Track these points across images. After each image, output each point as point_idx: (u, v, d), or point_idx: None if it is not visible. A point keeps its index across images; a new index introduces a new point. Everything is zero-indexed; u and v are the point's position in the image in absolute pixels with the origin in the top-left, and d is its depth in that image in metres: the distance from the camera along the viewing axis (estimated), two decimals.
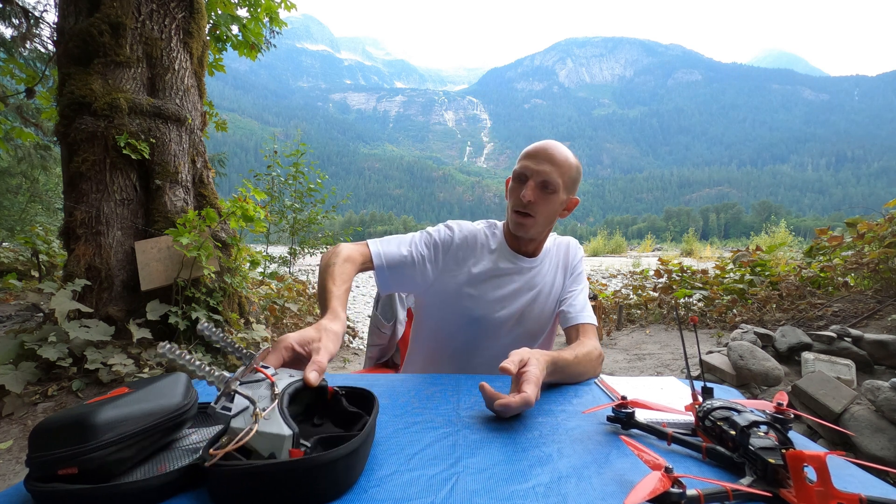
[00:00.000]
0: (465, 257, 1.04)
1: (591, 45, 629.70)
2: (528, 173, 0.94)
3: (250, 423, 0.44)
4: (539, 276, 1.06)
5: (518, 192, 0.95)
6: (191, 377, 0.56)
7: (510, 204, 0.99)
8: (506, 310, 1.03)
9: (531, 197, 0.92)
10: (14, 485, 0.46)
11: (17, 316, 3.89)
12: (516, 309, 1.03)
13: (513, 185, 0.99)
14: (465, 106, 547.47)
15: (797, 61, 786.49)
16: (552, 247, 1.11)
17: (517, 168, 0.97)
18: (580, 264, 1.12)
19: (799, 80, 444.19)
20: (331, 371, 3.32)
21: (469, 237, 1.05)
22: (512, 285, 1.03)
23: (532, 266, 1.05)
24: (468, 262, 1.04)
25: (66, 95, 2.56)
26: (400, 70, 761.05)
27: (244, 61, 18.18)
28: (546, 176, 0.93)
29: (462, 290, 1.02)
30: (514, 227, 0.99)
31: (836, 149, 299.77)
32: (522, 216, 0.96)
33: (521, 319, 1.04)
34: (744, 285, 4.35)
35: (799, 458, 0.40)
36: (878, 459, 1.70)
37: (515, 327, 1.05)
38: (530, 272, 1.05)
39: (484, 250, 1.05)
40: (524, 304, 1.04)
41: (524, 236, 1.00)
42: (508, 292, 1.03)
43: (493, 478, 0.48)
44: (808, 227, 58.41)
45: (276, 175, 5.99)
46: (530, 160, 0.95)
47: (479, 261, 1.04)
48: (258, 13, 4.08)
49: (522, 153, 0.98)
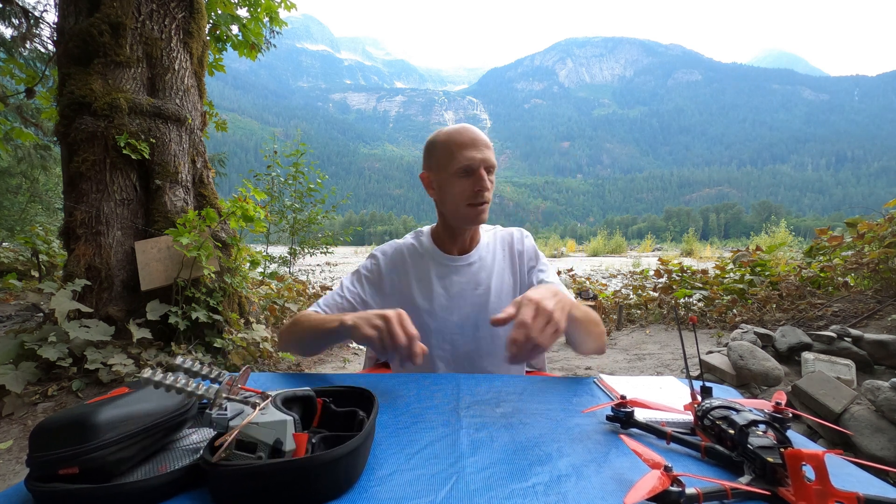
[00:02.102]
0: (401, 277, 1.03)
1: (591, 45, 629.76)
2: (475, 164, 0.92)
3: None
4: (483, 272, 1.02)
5: (471, 185, 0.93)
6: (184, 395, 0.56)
7: (461, 198, 0.94)
8: (456, 314, 0.99)
9: (490, 186, 0.93)
10: (14, 485, 0.46)
11: (17, 316, 3.90)
12: (468, 311, 0.99)
13: (458, 180, 0.94)
14: (465, 106, 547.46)
15: (797, 61, 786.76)
16: (491, 240, 1.07)
17: (460, 162, 0.92)
18: (533, 250, 1.07)
19: (799, 80, 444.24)
20: (331, 371, 3.32)
21: (395, 257, 1.05)
22: (455, 288, 1.00)
23: (470, 262, 1.03)
24: (407, 279, 1.02)
25: (66, 95, 2.56)
26: (400, 70, 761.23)
27: (244, 61, 18.12)
28: (490, 160, 0.94)
29: (414, 306, 0.99)
30: (472, 219, 0.96)
31: (836, 149, 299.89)
32: (481, 206, 0.94)
33: (479, 321, 0.99)
34: (744, 285, 4.35)
35: (797, 456, 0.40)
36: (877, 459, 1.70)
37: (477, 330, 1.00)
38: (470, 269, 1.02)
39: (416, 261, 1.04)
40: (475, 303, 1.00)
41: (482, 224, 0.99)
42: (455, 294, 1.00)
43: (493, 477, 0.48)
44: (808, 227, 58.42)
45: (276, 175, 5.98)
46: (472, 150, 0.92)
47: (416, 273, 1.02)
48: (258, 13, 4.08)
49: (454, 145, 0.93)
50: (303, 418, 0.55)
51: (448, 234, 1.03)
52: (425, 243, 1.06)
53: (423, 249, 1.05)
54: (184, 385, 0.46)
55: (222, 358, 2.75)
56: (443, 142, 0.95)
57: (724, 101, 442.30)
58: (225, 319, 2.84)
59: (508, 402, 0.71)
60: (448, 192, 0.95)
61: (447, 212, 0.99)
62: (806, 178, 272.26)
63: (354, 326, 0.76)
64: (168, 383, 0.45)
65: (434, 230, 1.07)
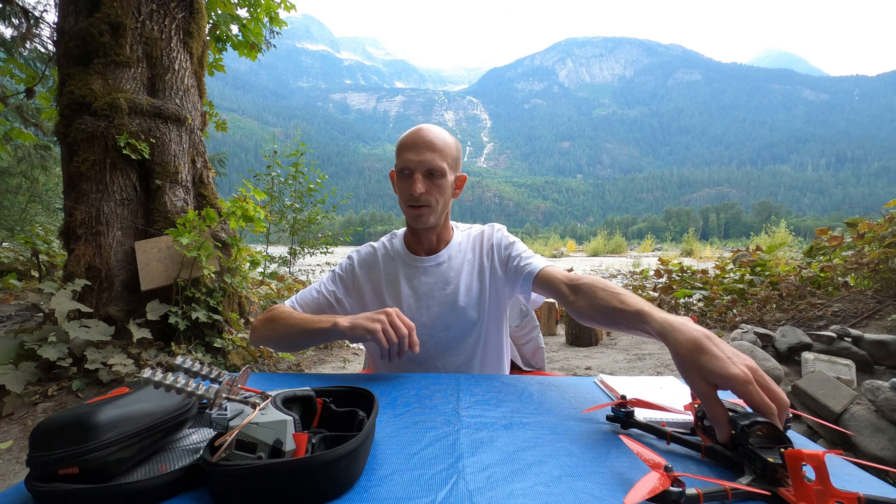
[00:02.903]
0: (372, 278, 1.04)
1: (591, 45, 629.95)
2: (411, 167, 0.92)
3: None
4: (452, 271, 1.01)
5: (407, 188, 0.93)
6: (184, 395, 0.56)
7: (401, 199, 0.96)
8: (426, 314, 0.99)
9: (422, 189, 0.92)
10: (14, 485, 0.46)
11: (17, 316, 3.89)
12: (437, 311, 0.99)
13: (398, 181, 0.96)
14: (465, 106, 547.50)
15: (797, 61, 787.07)
16: (463, 239, 1.07)
17: (399, 163, 0.94)
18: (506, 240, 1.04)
19: (799, 80, 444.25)
20: (331, 371, 3.32)
21: (368, 258, 1.07)
22: (423, 288, 1.00)
23: (438, 262, 1.02)
24: (378, 280, 1.04)
25: (66, 95, 2.56)
26: (400, 70, 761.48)
27: (244, 61, 18.15)
28: (430, 164, 0.91)
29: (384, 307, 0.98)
30: (413, 221, 0.97)
31: (836, 149, 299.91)
32: (417, 208, 0.94)
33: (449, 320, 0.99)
34: (744, 285, 4.35)
35: (797, 456, 0.40)
36: (878, 459, 1.70)
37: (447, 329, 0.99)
38: (438, 269, 1.02)
39: (387, 263, 1.05)
40: (444, 302, 0.99)
41: (424, 226, 0.97)
42: (423, 294, 1.00)
43: (493, 477, 0.48)
44: (808, 227, 58.42)
45: (276, 175, 5.99)
46: (411, 152, 0.92)
47: (386, 275, 1.03)
48: (258, 13, 4.08)
49: (399, 145, 0.95)
50: (303, 418, 0.55)
51: (413, 236, 1.04)
52: (396, 245, 1.07)
53: (394, 252, 1.06)
54: (184, 385, 0.46)
55: (222, 358, 2.75)
56: (398, 142, 0.97)
57: (724, 101, 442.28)
58: (225, 319, 2.84)
59: (508, 402, 0.71)
60: (397, 191, 0.98)
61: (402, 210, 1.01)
62: (806, 178, 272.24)
63: (353, 326, 0.80)
64: (168, 383, 0.45)
65: (405, 232, 1.09)
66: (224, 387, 0.48)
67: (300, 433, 0.45)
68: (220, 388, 0.47)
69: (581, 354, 3.78)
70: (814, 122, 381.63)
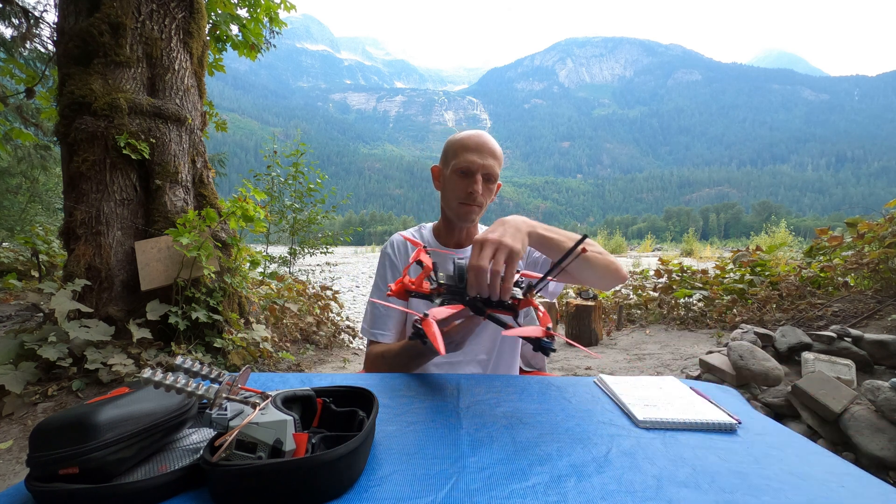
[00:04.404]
0: (403, 263, 1.10)
1: (591, 45, 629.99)
2: (474, 168, 0.98)
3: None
4: None
5: (465, 186, 0.99)
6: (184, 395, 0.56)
7: (453, 195, 1.02)
8: None
9: (480, 190, 0.99)
10: (14, 485, 0.46)
11: (17, 316, 3.89)
12: None
13: (456, 179, 1.01)
14: (465, 106, 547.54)
15: (797, 61, 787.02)
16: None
17: (460, 162, 0.99)
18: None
19: (799, 80, 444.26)
20: (331, 371, 3.32)
21: (400, 246, 1.12)
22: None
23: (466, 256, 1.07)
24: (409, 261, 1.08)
25: (66, 95, 2.56)
26: (400, 70, 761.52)
27: (244, 61, 18.14)
28: (490, 169, 0.99)
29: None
30: (463, 216, 1.03)
31: (836, 149, 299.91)
32: (469, 206, 1.01)
33: None
34: (744, 285, 4.35)
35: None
36: (878, 459, 1.70)
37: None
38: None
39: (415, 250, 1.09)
40: None
41: (470, 223, 1.06)
42: None
43: (493, 477, 0.48)
44: (808, 227, 58.40)
45: (276, 175, 5.98)
46: (475, 154, 0.98)
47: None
48: (258, 13, 4.08)
49: (459, 145, 1.00)
50: (303, 418, 0.55)
51: (446, 228, 1.11)
52: (426, 235, 1.15)
53: (423, 240, 1.14)
54: (184, 385, 0.46)
55: (222, 358, 2.75)
56: (455, 141, 1.03)
57: (724, 101, 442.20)
58: (225, 319, 2.84)
59: (508, 402, 0.71)
60: (448, 187, 1.04)
61: (445, 205, 1.07)
62: (806, 178, 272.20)
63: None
64: (168, 383, 0.45)
65: (436, 225, 1.16)
66: (224, 387, 0.48)
67: (300, 433, 0.45)
68: (220, 388, 0.47)
69: (581, 354, 3.78)
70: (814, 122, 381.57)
